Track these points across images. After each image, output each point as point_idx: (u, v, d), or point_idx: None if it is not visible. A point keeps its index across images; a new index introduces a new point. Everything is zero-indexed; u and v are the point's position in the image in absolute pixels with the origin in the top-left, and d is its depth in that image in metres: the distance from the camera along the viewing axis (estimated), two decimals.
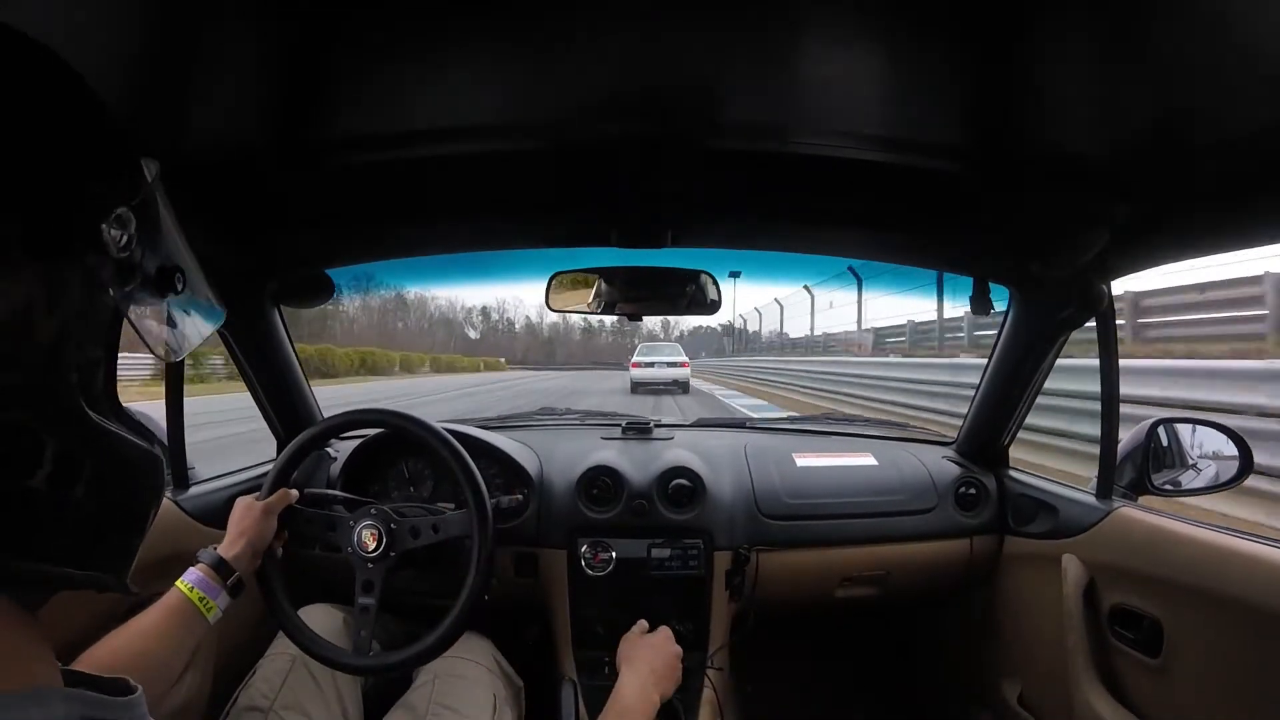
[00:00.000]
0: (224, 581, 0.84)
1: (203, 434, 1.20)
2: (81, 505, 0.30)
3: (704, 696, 1.22)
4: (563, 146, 0.82)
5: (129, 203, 0.30)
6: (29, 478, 0.28)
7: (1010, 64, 0.64)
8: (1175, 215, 0.87)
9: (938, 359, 8.65)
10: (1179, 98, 0.65)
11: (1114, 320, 1.09)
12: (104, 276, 0.29)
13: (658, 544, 1.26)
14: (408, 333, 61.45)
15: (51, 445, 0.28)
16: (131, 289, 0.31)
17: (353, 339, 44.08)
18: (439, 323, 69.68)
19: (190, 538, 1.11)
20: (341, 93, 0.72)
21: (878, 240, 1.12)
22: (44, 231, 0.27)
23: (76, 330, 0.29)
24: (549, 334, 76.65)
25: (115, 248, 0.29)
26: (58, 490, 0.29)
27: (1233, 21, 0.51)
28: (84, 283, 0.29)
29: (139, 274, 0.31)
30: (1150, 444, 1.14)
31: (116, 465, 0.31)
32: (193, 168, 0.82)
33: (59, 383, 0.28)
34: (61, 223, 0.27)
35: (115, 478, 0.31)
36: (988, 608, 1.39)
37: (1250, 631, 0.83)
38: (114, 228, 0.29)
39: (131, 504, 0.33)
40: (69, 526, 0.30)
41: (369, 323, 56.62)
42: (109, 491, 0.31)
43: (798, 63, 0.66)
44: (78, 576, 0.31)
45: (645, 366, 15.11)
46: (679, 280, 1.23)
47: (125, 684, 0.33)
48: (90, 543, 0.31)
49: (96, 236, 0.29)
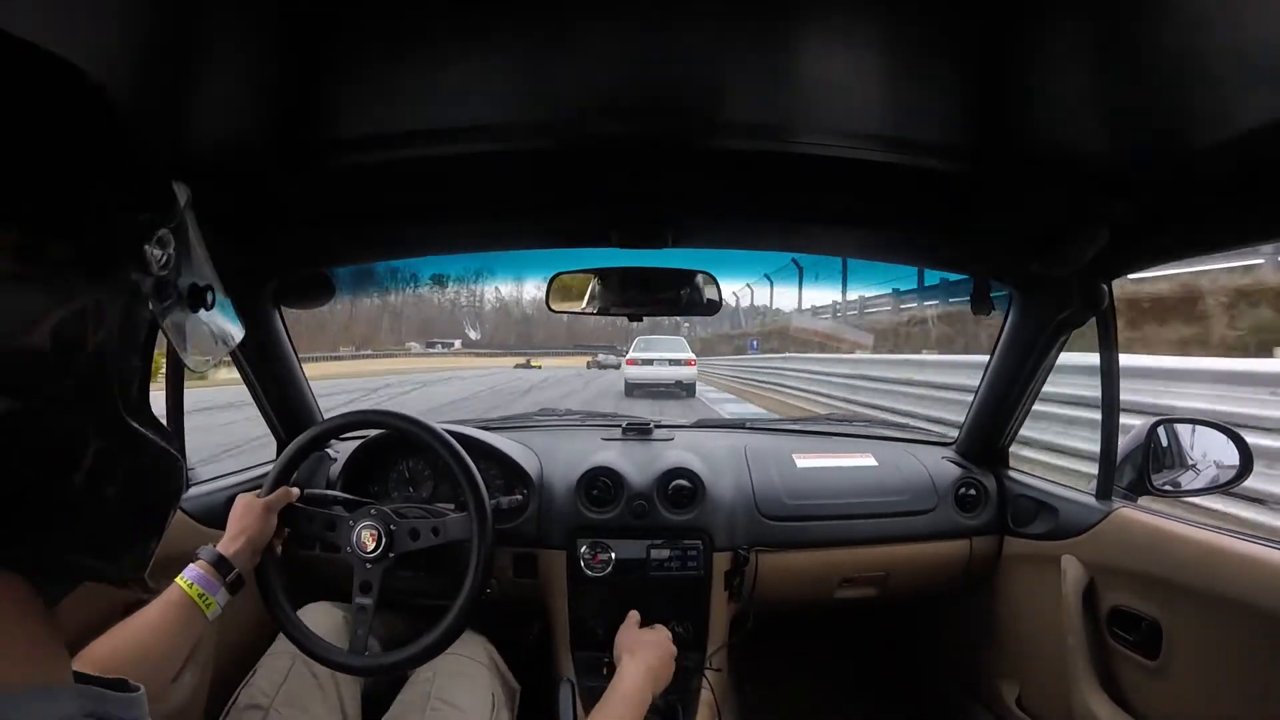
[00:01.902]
0: (223, 578, 0.85)
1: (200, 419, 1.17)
2: (111, 503, 0.32)
3: (702, 697, 1.22)
4: (563, 147, 0.82)
5: (168, 225, 0.33)
6: (70, 476, 0.30)
7: (1010, 63, 0.64)
8: (1175, 215, 0.87)
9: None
10: (1178, 97, 0.65)
11: (1114, 320, 1.09)
12: (145, 293, 0.32)
13: (657, 545, 1.26)
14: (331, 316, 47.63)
15: (93, 447, 0.30)
16: (169, 304, 0.34)
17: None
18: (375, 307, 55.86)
19: (190, 538, 1.11)
20: (342, 93, 0.72)
21: (878, 240, 1.12)
22: (97, 254, 0.30)
23: (119, 342, 0.31)
24: (526, 312, 62.12)
25: (156, 267, 0.32)
26: (93, 489, 0.31)
27: (1232, 21, 0.51)
28: (128, 299, 0.32)
29: (175, 290, 0.34)
30: (1150, 445, 1.14)
31: (146, 467, 0.34)
32: (193, 168, 0.83)
33: (104, 390, 0.31)
34: (111, 245, 0.30)
35: (144, 478, 0.34)
36: (987, 608, 1.39)
37: (1249, 632, 0.83)
38: (156, 248, 0.32)
39: (156, 503, 0.35)
40: (99, 523, 0.32)
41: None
42: (137, 491, 0.33)
43: (797, 62, 0.66)
44: (106, 569, 0.33)
45: (643, 364, 12.54)
46: (679, 280, 1.23)
47: (125, 684, 0.34)
48: (116, 538, 0.33)
49: (140, 256, 0.32)
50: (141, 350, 0.34)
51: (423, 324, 53.56)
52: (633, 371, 12.67)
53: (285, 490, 1.00)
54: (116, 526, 0.33)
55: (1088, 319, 1.10)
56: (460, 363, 34.37)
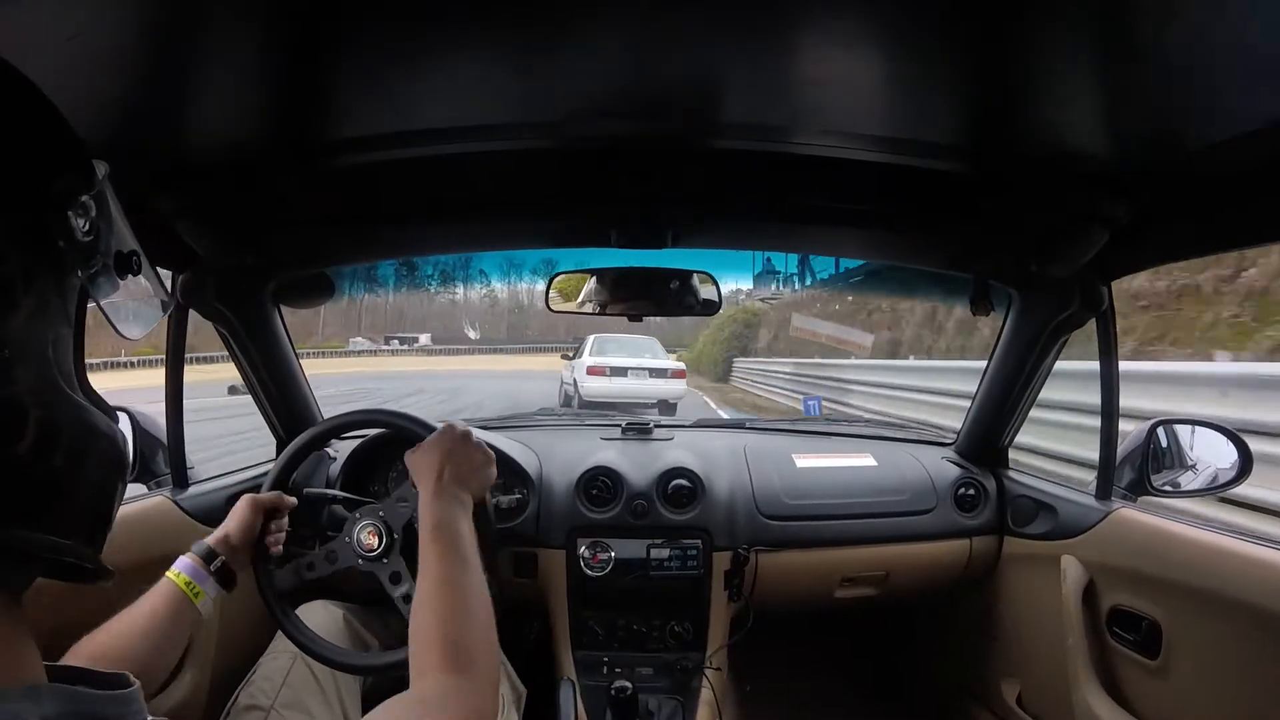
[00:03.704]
0: (207, 566, 0.84)
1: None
2: (61, 475, 0.32)
3: (702, 696, 1.22)
4: (563, 146, 0.82)
5: (89, 193, 0.34)
6: (15, 445, 0.30)
7: (1010, 63, 0.64)
8: (1175, 215, 0.87)
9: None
10: (1178, 98, 0.65)
11: (1114, 321, 1.09)
12: (71, 259, 0.33)
13: (657, 544, 1.26)
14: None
15: (34, 415, 0.31)
16: (94, 270, 0.34)
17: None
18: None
19: (189, 537, 1.10)
20: (342, 92, 0.72)
21: (878, 240, 1.12)
22: (22, 221, 0.31)
23: (49, 308, 0.32)
24: (522, 303, 52.64)
25: (80, 233, 0.33)
26: (41, 457, 0.31)
27: (1232, 21, 0.51)
28: (54, 265, 0.32)
29: (100, 257, 0.35)
30: (1150, 445, 1.14)
31: (87, 437, 0.34)
32: (193, 168, 0.83)
33: (40, 357, 0.32)
34: (37, 213, 0.31)
35: (87, 450, 0.34)
36: (987, 608, 1.39)
37: (1249, 632, 0.83)
38: (78, 215, 0.33)
39: (103, 477, 0.35)
40: (51, 494, 0.32)
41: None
42: (83, 462, 0.34)
43: (798, 63, 0.66)
44: (63, 545, 0.32)
45: (612, 375, 8.53)
46: (679, 280, 1.23)
47: (122, 678, 0.33)
48: (71, 512, 0.33)
49: (64, 223, 0.32)
50: (73, 320, 0.34)
51: (380, 315, 45.73)
52: (595, 385, 8.40)
53: (279, 495, 0.98)
54: (69, 499, 0.33)
55: (1087, 319, 1.10)
56: (427, 365, 23.97)
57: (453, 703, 0.55)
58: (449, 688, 0.56)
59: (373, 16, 0.56)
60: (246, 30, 0.57)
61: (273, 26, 0.57)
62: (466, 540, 0.73)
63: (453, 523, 0.74)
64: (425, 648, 0.60)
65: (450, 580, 0.67)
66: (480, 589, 0.68)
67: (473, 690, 0.57)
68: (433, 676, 0.57)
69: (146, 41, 0.57)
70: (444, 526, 0.73)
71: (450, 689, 0.56)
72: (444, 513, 0.75)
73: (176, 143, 0.77)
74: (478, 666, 0.59)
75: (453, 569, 0.68)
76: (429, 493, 0.77)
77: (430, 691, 0.56)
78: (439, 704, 0.55)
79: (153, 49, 0.58)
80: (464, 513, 0.76)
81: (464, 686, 0.56)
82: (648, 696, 1.22)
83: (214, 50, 0.60)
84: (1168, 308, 5.53)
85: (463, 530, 0.74)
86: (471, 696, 0.56)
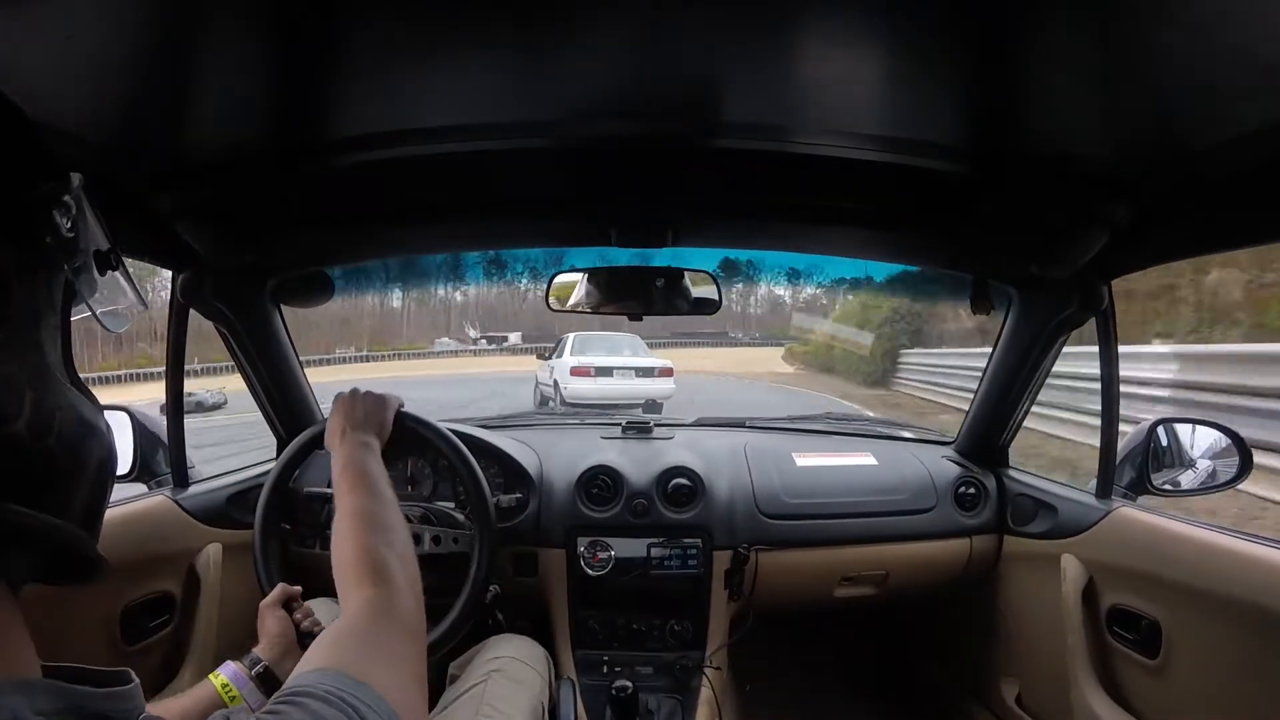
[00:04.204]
0: (249, 671, 0.81)
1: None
2: (56, 456, 0.34)
3: (702, 696, 1.22)
4: (563, 146, 0.82)
5: (69, 194, 0.37)
6: (13, 423, 0.31)
7: (1010, 64, 0.64)
8: (1175, 215, 0.87)
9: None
10: (1178, 98, 0.65)
11: (1114, 320, 1.09)
12: (57, 255, 0.35)
13: (657, 543, 1.26)
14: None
15: (29, 396, 0.32)
16: (78, 263, 0.37)
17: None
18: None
19: (189, 536, 1.11)
20: (342, 92, 0.72)
21: (878, 240, 1.12)
22: (10, 220, 0.33)
23: (39, 298, 0.35)
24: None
25: (64, 230, 0.36)
26: (37, 438, 0.32)
27: (1231, 22, 0.51)
28: (42, 259, 0.35)
29: (81, 255, 0.37)
30: (1150, 444, 1.15)
31: (79, 423, 0.36)
32: (193, 167, 0.83)
33: (33, 341, 0.34)
34: (27, 209, 0.34)
35: (79, 434, 0.35)
36: (987, 608, 1.39)
37: (1249, 632, 0.83)
38: (60, 213, 0.35)
39: (95, 464, 0.37)
40: (49, 473, 0.33)
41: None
42: (75, 446, 0.35)
43: (797, 63, 0.66)
44: (60, 527, 0.33)
45: (598, 375, 8.27)
46: (678, 279, 1.23)
47: (122, 676, 0.34)
48: (67, 493, 0.35)
49: (50, 220, 0.35)
50: (61, 310, 0.36)
51: (470, 314, 41.61)
52: (581, 387, 8.06)
53: (283, 586, 0.94)
54: (64, 480, 0.34)
55: (1087, 319, 1.10)
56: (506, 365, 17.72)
57: (374, 609, 0.56)
58: (370, 599, 0.57)
59: (373, 16, 0.56)
60: (246, 30, 0.57)
61: (272, 26, 0.57)
62: (375, 473, 0.76)
63: (360, 460, 0.78)
64: (345, 572, 0.61)
65: (360, 507, 0.69)
66: (394, 512, 0.71)
67: (392, 596, 0.57)
68: (355, 595, 0.58)
69: (146, 41, 0.57)
70: (351, 463, 0.77)
71: (371, 599, 0.57)
72: (349, 453, 0.79)
73: (176, 142, 0.77)
74: (397, 576, 0.60)
75: (362, 497, 0.71)
76: (334, 445, 0.83)
77: (354, 608, 0.56)
78: (364, 616, 0.55)
79: (152, 49, 0.58)
80: (369, 452, 0.81)
81: (384, 595, 0.57)
82: (648, 695, 1.22)
83: (213, 50, 0.60)
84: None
85: (370, 466, 0.78)
86: (394, 601, 0.57)
